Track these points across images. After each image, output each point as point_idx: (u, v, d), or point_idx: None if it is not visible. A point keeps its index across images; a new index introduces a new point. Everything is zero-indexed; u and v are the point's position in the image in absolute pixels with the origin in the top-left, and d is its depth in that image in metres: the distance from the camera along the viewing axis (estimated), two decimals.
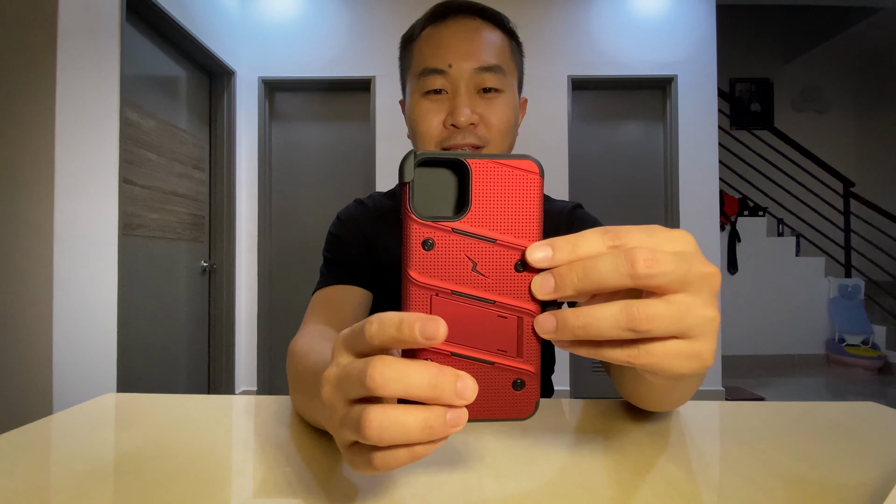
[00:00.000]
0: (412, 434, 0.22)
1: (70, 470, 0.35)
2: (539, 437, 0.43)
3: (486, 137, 0.63)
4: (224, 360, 2.84)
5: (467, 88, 0.62)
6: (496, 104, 0.63)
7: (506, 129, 0.64)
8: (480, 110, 0.63)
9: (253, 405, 0.52)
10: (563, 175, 3.07)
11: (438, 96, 0.63)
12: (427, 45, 0.64)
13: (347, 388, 0.23)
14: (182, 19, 2.33)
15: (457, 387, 0.22)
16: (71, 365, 1.67)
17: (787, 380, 3.76)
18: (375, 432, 0.21)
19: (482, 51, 0.62)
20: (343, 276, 0.67)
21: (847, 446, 0.41)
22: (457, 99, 0.62)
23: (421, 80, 0.63)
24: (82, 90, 1.72)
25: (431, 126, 0.63)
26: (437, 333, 0.21)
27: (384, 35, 3.09)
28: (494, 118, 0.63)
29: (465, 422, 0.23)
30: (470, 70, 0.62)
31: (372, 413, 0.22)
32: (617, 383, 0.49)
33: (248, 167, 3.05)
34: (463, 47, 0.62)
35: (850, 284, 4.24)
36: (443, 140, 0.63)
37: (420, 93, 0.64)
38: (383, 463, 0.23)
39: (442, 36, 0.63)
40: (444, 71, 0.62)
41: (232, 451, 0.40)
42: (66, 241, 1.65)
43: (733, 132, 4.65)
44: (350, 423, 0.23)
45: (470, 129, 0.62)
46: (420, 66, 0.64)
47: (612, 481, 0.34)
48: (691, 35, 3.14)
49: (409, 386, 0.22)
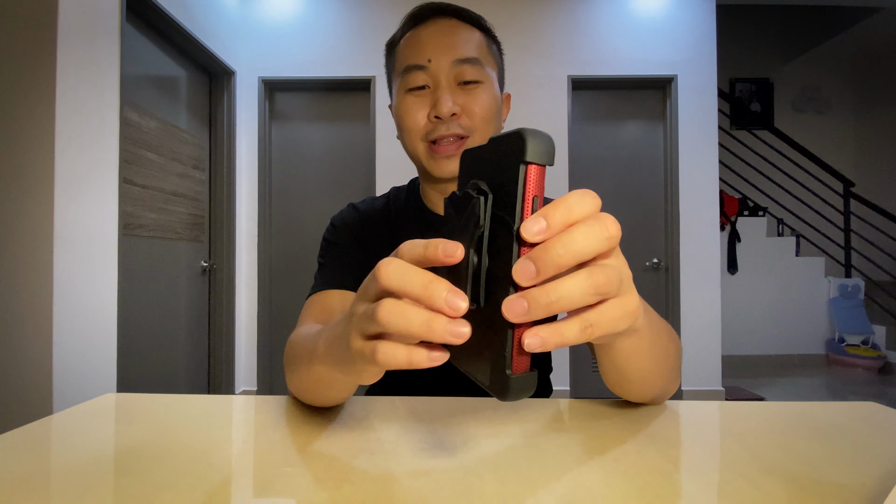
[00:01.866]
0: (413, 325, 0.25)
1: (70, 470, 0.35)
2: (538, 437, 0.43)
3: (470, 127, 0.65)
4: (224, 360, 2.84)
5: (447, 81, 0.64)
6: (477, 94, 0.65)
7: (489, 117, 0.66)
8: (462, 101, 0.64)
9: (253, 405, 0.52)
10: (563, 175, 3.07)
11: (421, 92, 0.65)
12: (408, 46, 0.67)
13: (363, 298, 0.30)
14: (182, 19, 2.33)
15: (446, 295, 0.25)
16: (71, 365, 1.67)
17: (787, 380, 3.76)
18: (384, 315, 0.26)
19: (460, 45, 0.65)
20: (336, 281, 0.68)
21: (847, 446, 0.41)
22: (438, 92, 0.64)
23: (404, 78, 0.66)
24: (82, 90, 1.72)
25: (416, 119, 0.65)
26: (456, 252, 0.25)
27: (384, 35, 3.06)
28: (477, 107, 0.65)
29: (464, 335, 0.25)
30: (448, 63, 0.64)
31: (385, 302, 0.27)
32: (605, 378, 0.48)
33: (248, 167, 3.05)
34: (441, 43, 0.64)
35: (850, 284, 4.24)
36: (428, 132, 0.65)
37: (404, 90, 0.66)
38: (383, 355, 0.27)
39: (421, 35, 0.66)
40: (424, 66, 0.64)
41: (232, 451, 0.40)
42: (66, 241, 1.65)
43: (733, 132, 4.65)
44: (367, 315, 0.28)
45: (453, 119, 0.64)
46: (402, 65, 0.66)
47: (612, 481, 0.34)
48: (691, 35, 3.14)
49: (405, 283, 0.26)
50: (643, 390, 0.47)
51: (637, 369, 0.43)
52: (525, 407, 0.52)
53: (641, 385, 0.46)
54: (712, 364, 3.10)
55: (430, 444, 0.41)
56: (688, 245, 3.11)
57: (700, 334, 3.10)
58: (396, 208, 0.76)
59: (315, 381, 0.44)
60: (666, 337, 0.46)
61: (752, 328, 4.25)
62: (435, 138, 0.65)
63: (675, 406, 0.54)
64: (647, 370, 0.44)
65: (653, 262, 3.18)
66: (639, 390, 0.47)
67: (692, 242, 3.11)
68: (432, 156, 0.66)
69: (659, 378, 0.46)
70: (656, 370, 0.45)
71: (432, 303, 0.25)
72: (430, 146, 0.66)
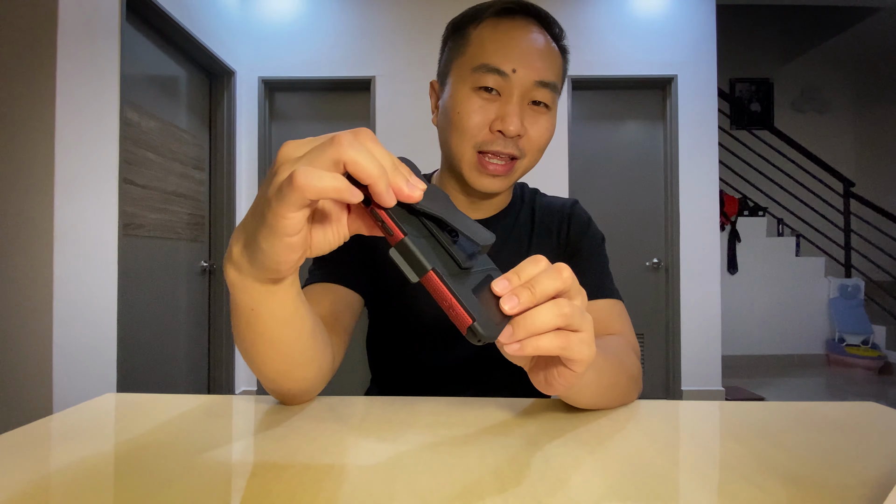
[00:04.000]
0: (382, 161, 0.29)
1: (70, 470, 0.35)
2: (538, 437, 0.43)
3: (525, 150, 0.63)
4: (224, 360, 2.84)
5: (521, 98, 0.61)
6: (542, 120, 0.63)
7: (543, 145, 0.65)
8: (527, 123, 0.62)
9: (253, 405, 0.52)
10: (563, 175, 3.07)
11: (490, 95, 0.61)
12: (491, 39, 0.61)
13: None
14: (182, 19, 2.33)
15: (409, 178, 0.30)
16: (71, 365, 1.67)
17: (787, 380, 3.76)
18: (300, 170, 0.27)
19: (545, 64, 0.61)
20: (330, 276, 0.65)
21: (847, 446, 0.41)
22: (509, 106, 0.60)
23: (476, 75, 0.61)
24: (82, 90, 1.72)
25: (476, 124, 0.61)
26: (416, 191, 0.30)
27: (384, 35, 3.09)
28: (536, 134, 0.63)
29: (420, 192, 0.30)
30: (531, 81, 0.60)
31: (344, 133, 0.28)
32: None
33: (248, 167, 3.05)
34: (529, 55, 0.60)
35: (850, 284, 4.24)
36: (483, 143, 0.62)
37: (471, 86, 0.61)
38: (304, 175, 0.26)
39: (510, 35, 0.61)
40: (506, 74, 0.60)
41: (232, 451, 0.40)
42: (66, 241, 1.65)
43: (733, 132, 4.65)
44: (319, 150, 0.28)
45: (514, 139, 0.61)
46: (480, 59, 0.61)
47: (611, 481, 0.34)
48: (691, 35, 3.14)
49: (370, 161, 0.28)
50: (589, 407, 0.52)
51: (583, 401, 0.48)
52: (525, 406, 0.52)
53: (587, 405, 0.50)
54: (712, 364, 3.10)
55: (430, 444, 0.41)
56: (688, 245, 3.11)
57: (700, 334, 3.10)
58: None
59: (243, 324, 0.40)
60: (615, 375, 0.50)
61: (752, 328, 4.25)
62: (488, 150, 0.62)
63: (675, 406, 0.54)
64: (591, 402, 0.49)
65: (653, 261, 3.18)
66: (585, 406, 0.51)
67: (692, 242, 3.11)
68: (479, 169, 0.63)
69: (605, 403, 0.51)
70: (602, 401, 0.50)
71: (397, 177, 0.29)
72: (480, 157, 0.62)
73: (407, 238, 0.29)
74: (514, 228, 0.74)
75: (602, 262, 0.72)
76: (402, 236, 0.29)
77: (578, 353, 0.34)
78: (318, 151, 0.28)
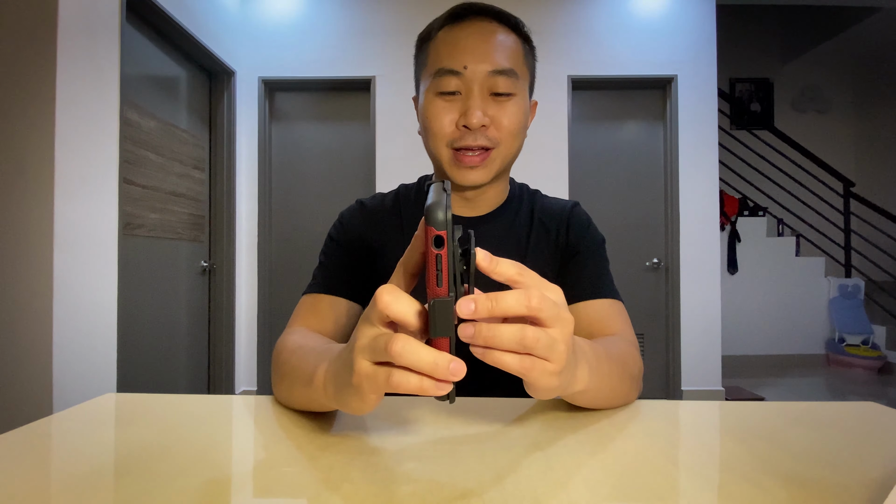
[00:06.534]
0: (423, 362, 0.30)
1: (70, 470, 0.35)
2: (539, 437, 0.43)
3: (497, 139, 0.65)
4: (224, 360, 2.84)
5: (480, 90, 0.63)
6: (508, 107, 0.64)
7: (516, 131, 0.66)
8: (492, 112, 0.64)
9: (253, 405, 0.52)
10: (563, 175, 3.07)
11: (452, 97, 0.64)
12: (443, 46, 0.65)
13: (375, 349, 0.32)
14: (182, 19, 2.33)
15: (450, 366, 0.30)
16: (71, 365, 1.67)
17: (787, 380, 3.76)
18: (397, 348, 0.30)
19: (497, 54, 0.63)
20: (332, 286, 0.69)
21: (847, 446, 0.41)
22: (470, 101, 0.63)
23: (436, 80, 0.64)
24: (82, 90, 1.72)
25: (444, 125, 0.64)
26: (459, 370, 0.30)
27: (384, 35, 3.09)
28: (506, 120, 0.64)
29: (461, 373, 0.30)
30: (484, 73, 0.63)
31: (398, 338, 0.30)
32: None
33: (248, 167, 3.05)
34: (478, 49, 0.63)
35: (850, 284, 4.24)
36: (454, 140, 0.65)
37: (434, 92, 0.65)
38: (397, 380, 0.31)
39: (458, 37, 0.64)
40: (458, 72, 0.63)
41: (232, 451, 0.40)
42: (66, 241, 1.65)
43: (733, 132, 4.65)
44: (379, 346, 0.31)
45: (481, 130, 0.63)
46: (435, 66, 0.65)
47: (612, 481, 0.34)
48: (691, 35, 3.14)
49: (413, 356, 0.30)
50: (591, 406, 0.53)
51: (584, 402, 0.50)
52: (525, 407, 0.52)
53: (589, 406, 0.52)
54: (712, 364, 3.10)
55: (431, 444, 0.41)
56: (688, 245, 3.11)
57: (700, 334, 3.10)
58: (406, 205, 0.75)
59: (307, 404, 0.46)
60: (617, 379, 0.51)
61: (752, 328, 4.25)
62: (460, 147, 0.64)
63: (675, 406, 0.54)
64: (592, 404, 0.51)
65: (653, 261, 3.18)
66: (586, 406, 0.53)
67: (692, 242, 3.11)
68: (456, 164, 0.65)
69: (606, 405, 0.52)
70: (603, 404, 0.52)
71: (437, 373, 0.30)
72: (455, 153, 0.65)
73: (452, 301, 0.30)
74: (511, 225, 0.74)
75: (602, 262, 0.73)
76: (450, 298, 0.30)
77: (537, 381, 0.33)
78: (376, 352, 0.32)
